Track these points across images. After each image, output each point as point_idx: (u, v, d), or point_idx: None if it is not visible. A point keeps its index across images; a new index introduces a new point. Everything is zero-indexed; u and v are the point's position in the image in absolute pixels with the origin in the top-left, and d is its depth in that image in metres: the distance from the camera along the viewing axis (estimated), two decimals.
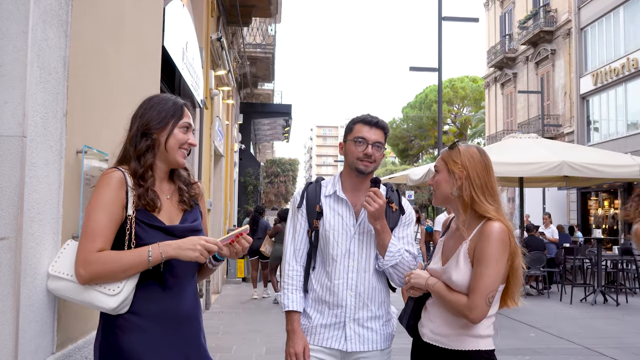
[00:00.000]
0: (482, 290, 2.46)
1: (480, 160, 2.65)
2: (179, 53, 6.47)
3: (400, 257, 2.86)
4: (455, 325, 2.59)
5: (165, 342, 2.35)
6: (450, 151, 2.71)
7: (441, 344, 2.61)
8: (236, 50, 16.25)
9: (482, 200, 2.59)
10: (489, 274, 2.46)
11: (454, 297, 2.54)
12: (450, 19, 18.81)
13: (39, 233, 2.36)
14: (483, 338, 2.59)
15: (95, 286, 2.26)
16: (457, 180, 2.63)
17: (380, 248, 2.87)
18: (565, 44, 29.80)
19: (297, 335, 2.85)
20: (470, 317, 2.48)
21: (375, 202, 2.75)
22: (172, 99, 2.53)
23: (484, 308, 2.47)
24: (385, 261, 2.86)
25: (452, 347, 2.58)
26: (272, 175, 29.39)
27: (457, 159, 2.65)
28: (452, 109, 55.19)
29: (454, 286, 2.56)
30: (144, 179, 2.39)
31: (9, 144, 2.20)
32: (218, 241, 2.39)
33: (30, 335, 2.30)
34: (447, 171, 2.67)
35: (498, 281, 2.50)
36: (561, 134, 29.55)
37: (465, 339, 2.57)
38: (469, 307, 2.47)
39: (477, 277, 2.48)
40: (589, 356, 7.57)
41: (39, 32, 2.33)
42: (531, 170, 11.59)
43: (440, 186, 2.71)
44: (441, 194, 2.71)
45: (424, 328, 2.73)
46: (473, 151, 2.68)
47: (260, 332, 8.68)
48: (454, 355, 2.57)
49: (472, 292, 2.48)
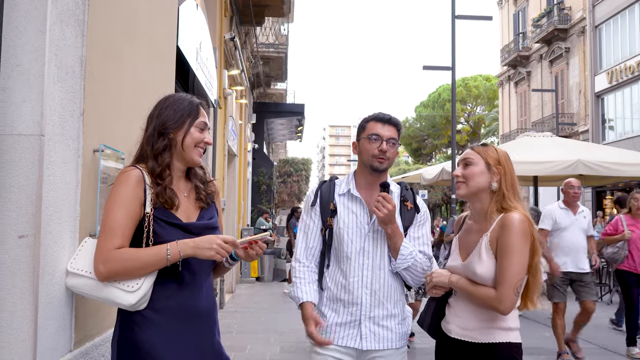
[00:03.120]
0: (509, 281, 2.49)
1: (510, 161, 2.75)
2: (193, 53, 6.50)
3: (413, 260, 2.85)
4: (484, 319, 2.62)
5: (181, 338, 2.37)
6: (485, 147, 2.76)
7: (470, 339, 2.63)
8: (249, 49, 16.28)
9: (512, 197, 2.65)
10: (514, 264, 2.50)
11: (482, 291, 2.57)
12: (463, 18, 18.69)
13: (57, 231, 2.38)
14: (512, 330, 2.63)
15: (114, 283, 2.28)
16: (495, 175, 2.68)
17: (393, 251, 2.86)
18: (579, 42, 29.60)
19: (309, 318, 2.82)
20: (500, 308, 2.51)
21: (385, 207, 2.74)
22: (187, 98, 2.54)
23: (513, 298, 2.51)
24: (397, 264, 2.86)
25: (483, 341, 2.60)
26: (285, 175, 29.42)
27: (494, 155, 2.72)
28: (465, 107, 54.93)
29: (478, 280, 2.59)
30: (162, 177, 2.41)
31: (27, 143, 2.22)
32: (236, 241, 2.41)
33: (49, 333, 2.32)
34: (485, 164, 2.71)
35: (523, 270, 2.54)
36: (576, 133, 29.35)
37: (495, 331, 2.60)
38: (498, 299, 2.50)
39: (503, 268, 2.51)
40: (604, 356, 7.50)
41: (56, 32, 2.35)
42: (546, 169, 11.54)
43: (475, 178, 2.72)
44: (475, 185, 2.72)
45: (450, 325, 2.74)
46: (505, 152, 2.78)
47: (274, 332, 8.68)
48: (485, 348, 2.60)
49: (499, 284, 2.51)
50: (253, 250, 2.52)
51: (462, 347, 2.65)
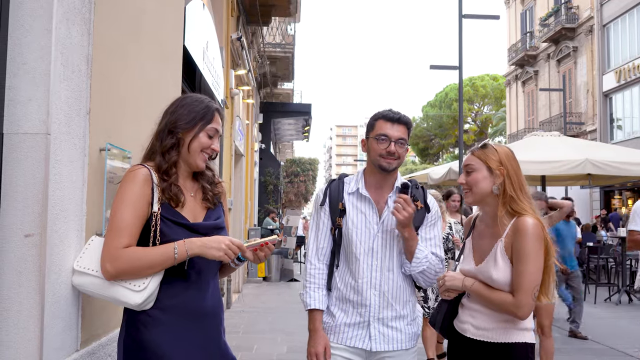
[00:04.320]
0: (527, 287, 2.49)
1: (514, 158, 2.69)
2: (199, 52, 6.50)
3: (428, 263, 2.83)
4: (499, 319, 2.61)
5: (188, 337, 2.36)
6: (485, 149, 2.70)
7: (486, 338, 2.62)
8: (256, 49, 16.29)
9: (521, 198, 2.61)
10: (531, 270, 2.50)
11: (499, 296, 2.56)
12: (470, 17, 18.60)
13: (63, 230, 2.38)
14: (528, 331, 2.63)
15: (121, 282, 2.27)
16: (498, 177, 2.64)
17: (408, 254, 2.82)
18: (587, 41, 29.46)
19: (318, 334, 2.83)
20: (519, 314, 2.52)
21: (405, 210, 2.69)
22: (205, 101, 2.53)
23: (531, 304, 2.51)
24: (412, 267, 2.83)
25: (499, 341, 2.59)
26: (292, 175, 29.35)
27: (495, 157, 2.66)
28: (472, 107, 54.77)
29: (494, 285, 2.57)
30: (168, 174, 2.40)
31: (33, 142, 2.21)
32: (243, 245, 2.40)
33: (55, 332, 2.32)
34: (487, 169, 2.66)
35: (539, 276, 2.54)
36: (583, 132, 29.22)
37: (512, 331, 2.59)
38: (516, 305, 2.50)
39: (520, 274, 2.50)
40: (614, 356, 7.46)
41: (62, 30, 2.34)
42: (554, 169, 11.48)
43: (478, 184, 2.68)
44: (479, 191, 2.69)
45: (464, 324, 2.72)
46: (507, 149, 2.71)
47: (281, 331, 8.68)
48: (501, 348, 2.58)
49: (517, 291, 2.50)
50: (262, 252, 2.50)
51: (478, 347, 2.64)
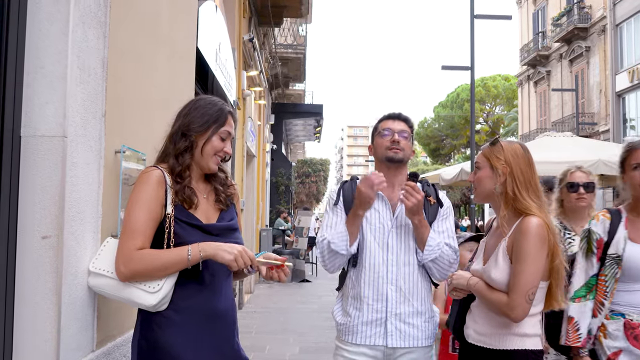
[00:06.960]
0: (521, 289, 2.42)
1: (523, 156, 2.61)
2: (212, 54, 6.52)
3: (440, 251, 2.85)
4: (499, 325, 2.54)
5: (201, 338, 2.38)
6: (492, 147, 2.66)
7: (485, 344, 2.57)
8: (267, 50, 16.31)
9: (525, 197, 2.54)
10: (527, 271, 2.43)
11: (495, 296, 2.50)
12: (482, 17, 18.51)
13: (79, 232, 2.39)
14: (530, 337, 2.53)
15: (136, 283, 2.29)
16: (500, 176, 2.59)
17: (419, 242, 2.86)
18: (600, 41, 29.27)
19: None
20: (511, 316, 2.44)
21: (413, 196, 2.74)
22: (219, 104, 2.54)
23: (524, 306, 2.43)
24: (424, 255, 2.85)
25: (497, 347, 2.53)
26: (304, 176, 29.37)
27: (500, 155, 2.61)
28: (484, 107, 54.59)
29: (494, 284, 2.52)
30: (182, 177, 2.41)
31: (50, 144, 2.23)
32: (255, 259, 2.40)
33: (72, 333, 2.34)
34: (490, 167, 2.63)
35: (537, 278, 2.46)
36: (596, 133, 29.02)
37: (511, 338, 2.52)
38: (509, 305, 2.43)
39: (516, 275, 2.45)
40: None
41: (78, 34, 2.36)
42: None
43: (482, 183, 2.67)
44: (483, 190, 2.67)
45: (468, 329, 2.69)
46: (516, 147, 2.64)
47: (293, 332, 8.69)
48: (499, 355, 2.52)
49: (511, 291, 2.45)
50: (277, 274, 2.49)
51: (480, 353, 2.60)
